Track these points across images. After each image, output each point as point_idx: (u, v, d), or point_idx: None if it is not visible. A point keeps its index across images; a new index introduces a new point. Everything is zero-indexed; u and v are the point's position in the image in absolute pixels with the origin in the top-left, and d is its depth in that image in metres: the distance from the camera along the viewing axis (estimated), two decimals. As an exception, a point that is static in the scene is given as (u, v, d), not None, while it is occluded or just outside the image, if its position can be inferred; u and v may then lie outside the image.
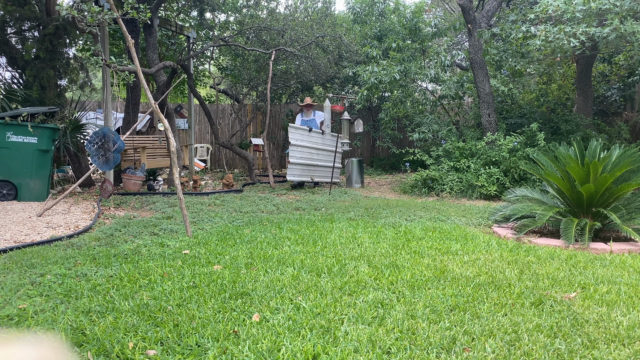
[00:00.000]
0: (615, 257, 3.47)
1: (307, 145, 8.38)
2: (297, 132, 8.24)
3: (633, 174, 4.11)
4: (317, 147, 8.59)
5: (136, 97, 8.68)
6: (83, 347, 1.98)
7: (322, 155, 8.71)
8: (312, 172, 8.50)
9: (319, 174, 8.71)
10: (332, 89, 12.82)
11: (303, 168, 8.29)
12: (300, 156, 8.23)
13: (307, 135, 8.41)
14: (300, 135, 8.26)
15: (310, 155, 8.47)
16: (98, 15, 4.82)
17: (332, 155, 8.71)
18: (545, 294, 2.61)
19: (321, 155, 8.68)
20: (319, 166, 8.67)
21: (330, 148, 8.82)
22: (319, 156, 8.64)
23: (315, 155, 8.58)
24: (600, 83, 11.37)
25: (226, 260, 3.34)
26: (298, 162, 8.16)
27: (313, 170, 8.55)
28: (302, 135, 8.30)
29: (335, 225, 4.67)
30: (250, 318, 2.25)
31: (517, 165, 7.10)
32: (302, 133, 8.29)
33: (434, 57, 10.77)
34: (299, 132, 8.30)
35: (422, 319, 2.24)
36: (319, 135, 8.66)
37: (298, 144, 8.18)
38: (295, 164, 8.15)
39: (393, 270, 3.05)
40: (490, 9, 8.84)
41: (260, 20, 10.53)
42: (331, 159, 8.69)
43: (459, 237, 4.13)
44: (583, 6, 6.13)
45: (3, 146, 5.96)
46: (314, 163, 8.55)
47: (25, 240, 4.10)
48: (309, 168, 8.46)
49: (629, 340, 2.04)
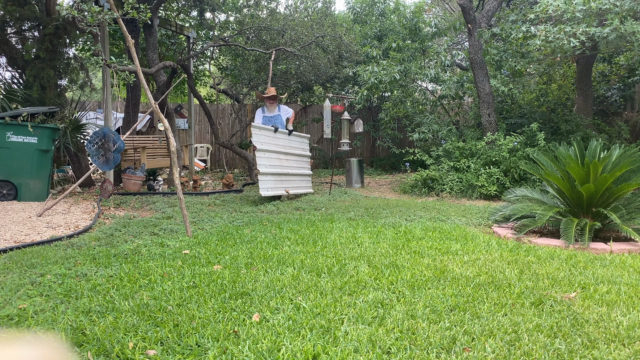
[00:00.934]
0: (615, 257, 3.47)
1: (274, 149, 6.72)
2: (261, 134, 6.52)
3: (633, 174, 4.11)
4: (285, 152, 6.98)
5: (136, 97, 8.68)
6: (83, 347, 1.98)
7: (293, 161, 7.19)
8: (286, 184, 6.93)
9: (294, 185, 7.18)
10: (332, 89, 12.82)
11: (276, 179, 6.71)
12: (270, 164, 6.59)
13: (273, 137, 6.75)
14: (265, 137, 6.60)
15: (280, 162, 6.86)
16: (98, 15, 4.82)
17: (302, 161, 7.42)
18: (545, 294, 2.61)
19: (291, 162, 7.15)
20: (291, 175, 7.12)
21: (299, 152, 7.38)
22: (289, 162, 7.06)
23: (285, 161, 6.98)
24: (600, 83, 11.37)
25: (226, 260, 3.34)
26: (269, 171, 6.54)
27: (286, 180, 6.99)
28: (268, 137, 6.64)
29: (335, 225, 4.67)
30: (250, 318, 2.25)
31: (517, 165, 7.10)
32: (267, 134, 6.64)
33: (434, 57, 10.78)
34: (264, 133, 6.60)
35: (422, 319, 2.24)
36: (285, 136, 7.06)
37: (265, 149, 6.55)
38: (267, 174, 6.51)
39: (393, 270, 3.05)
40: (490, 9, 8.84)
41: (260, 20, 10.53)
42: (302, 166, 7.41)
43: (459, 237, 4.13)
44: (583, 6, 6.13)
45: (3, 146, 5.96)
46: (286, 172, 6.97)
47: (25, 240, 4.10)
48: (282, 178, 6.87)
49: (629, 340, 2.04)
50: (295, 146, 7.28)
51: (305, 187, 7.44)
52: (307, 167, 7.56)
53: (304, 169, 7.42)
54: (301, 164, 7.40)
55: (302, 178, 7.40)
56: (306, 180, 7.47)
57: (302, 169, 7.40)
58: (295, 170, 7.16)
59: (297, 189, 7.18)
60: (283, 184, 6.80)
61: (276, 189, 6.65)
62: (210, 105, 13.78)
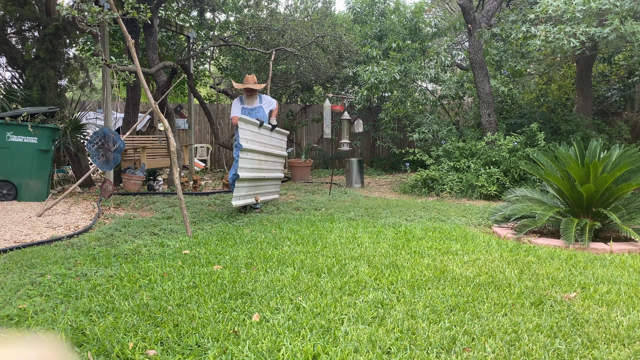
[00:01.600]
0: (615, 257, 3.47)
1: (257, 148, 5.43)
2: (247, 129, 5.23)
3: (633, 174, 4.11)
4: (266, 151, 5.70)
5: (136, 97, 8.68)
6: (83, 347, 1.98)
7: (271, 163, 5.93)
8: (258, 190, 5.65)
9: (265, 190, 5.91)
10: (332, 89, 12.82)
11: (251, 185, 5.43)
12: (250, 166, 5.31)
13: (257, 134, 5.48)
14: (250, 134, 5.29)
15: (260, 165, 5.56)
16: (98, 15, 4.82)
17: (278, 162, 6.24)
18: (545, 294, 2.61)
19: (269, 163, 5.89)
20: (267, 180, 5.88)
21: (278, 151, 6.13)
22: (267, 164, 5.80)
23: (264, 163, 5.73)
24: (600, 83, 11.37)
25: (226, 260, 3.34)
26: (248, 176, 5.22)
27: (260, 186, 5.73)
28: (253, 134, 5.35)
29: (335, 225, 4.67)
30: (250, 318, 2.25)
31: (517, 165, 7.10)
32: (252, 130, 5.34)
33: (434, 57, 10.78)
34: (250, 128, 5.29)
35: (422, 319, 2.24)
36: (268, 133, 5.79)
37: (249, 148, 5.21)
38: (245, 179, 5.19)
39: (393, 270, 3.05)
40: (490, 9, 8.84)
41: (260, 20, 10.53)
42: (278, 167, 6.23)
43: (459, 237, 4.13)
44: (583, 6, 6.13)
45: (3, 146, 5.96)
46: (263, 175, 5.68)
47: (25, 240, 4.10)
48: (257, 184, 5.60)
49: (629, 340, 2.04)
50: (275, 144, 6.01)
51: (274, 191, 6.25)
52: (281, 168, 6.42)
53: (278, 171, 6.21)
54: (277, 166, 6.18)
55: (274, 182, 6.20)
56: (276, 184, 6.28)
57: (277, 171, 6.17)
58: (271, 173, 5.90)
59: (266, 195, 5.97)
60: (255, 190, 5.54)
61: (248, 197, 5.40)
62: (210, 105, 13.78)
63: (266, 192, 5.96)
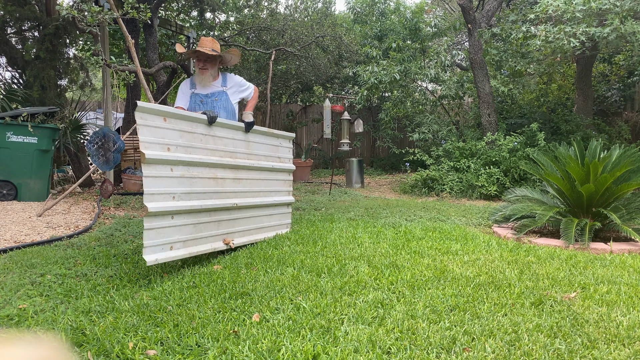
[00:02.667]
0: (615, 257, 3.47)
1: (205, 159, 3.37)
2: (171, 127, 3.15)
3: (633, 174, 4.11)
4: (233, 164, 3.64)
5: (136, 97, 8.68)
6: (83, 347, 1.98)
7: (251, 182, 3.85)
8: (229, 226, 3.62)
9: (249, 226, 3.87)
10: (332, 89, 12.82)
11: (200, 221, 3.33)
12: (186, 189, 3.19)
13: (206, 137, 3.41)
14: (174, 134, 3.15)
15: (217, 186, 3.48)
16: (98, 15, 4.82)
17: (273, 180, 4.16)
18: (545, 294, 2.61)
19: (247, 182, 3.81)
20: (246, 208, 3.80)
21: (269, 163, 4.08)
22: (240, 184, 3.73)
23: (231, 183, 3.64)
24: (600, 83, 11.37)
25: (226, 260, 3.34)
26: (181, 206, 3.13)
27: (231, 220, 3.65)
28: (183, 135, 3.21)
29: (335, 225, 4.67)
30: (250, 318, 2.25)
31: (517, 165, 7.10)
32: (184, 127, 3.23)
33: (434, 57, 10.78)
34: (174, 125, 3.16)
35: (422, 319, 2.24)
36: (236, 134, 3.72)
37: (170, 158, 3.08)
38: (172, 212, 3.08)
39: (393, 270, 3.05)
40: (490, 9, 8.84)
41: (260, 21, 10.54)
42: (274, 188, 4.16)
43: (459, 237, 4.13)
44: (583, 6, 6.13)
45: (3, 146, 5.96)
46: (231, 203, 3.60)
47: (26, 240, 4.10)
48: (220, 217, 3.52)
49: (629, 340, 2.04)
50: (259, 153, 3.93)
51: (276, 224, 4.23)
52: (284, 188, 4.29)
53: (276, 193, 4.16)
54: (271, 185, 4.11)
55: (271, 210, 4.13)
56: (279, 214, 4.26)
57: (273, 193, 4.13)
58: (254, 198, 3.86)
59: (255, 234, 3.91)
60: (221, 229, 3.50)
61: (200, 242, 3.30)
62: (210, 105, 13.77)
63: (254, 227, 3.87)
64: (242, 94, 4.05)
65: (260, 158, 3.96)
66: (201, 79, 3.82)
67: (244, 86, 4.06)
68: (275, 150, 4.21)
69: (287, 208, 4.40)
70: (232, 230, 3.63)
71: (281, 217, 4.31)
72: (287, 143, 4.41)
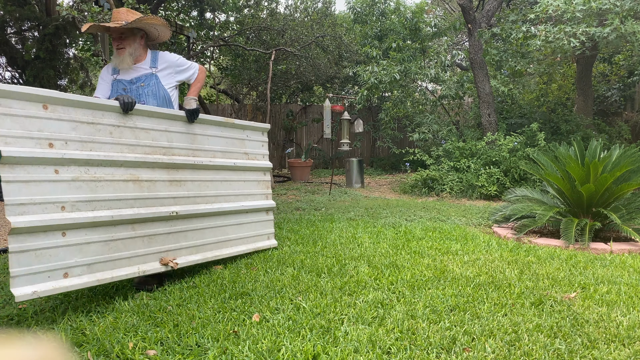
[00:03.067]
0: (615, 257, 3.47)
1: (108, 158, 2.58)
2: (46, 115, 2.36)
3: (633, 174, 4.11)
4: (167, 163, 2.89)
5: (136, 97, 8.67)
6: (83, 347, 1.98)
7: (198, 185, 3.12)
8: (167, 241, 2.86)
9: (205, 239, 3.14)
10: (332, 89, 12.82)
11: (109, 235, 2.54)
12: (77, 198, 2.41)
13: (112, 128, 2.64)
14: (61, 126, 2.41)
15: (139, 190, 2.72)
16: (98, 16, 4.82)
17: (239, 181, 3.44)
18: (545, 294, 2.61)
19: (193, 185, 3.09)
20: (192, 217, 3.04)
21: (230, 160, 3.37)
22: (184, 188, 3.00)
23: (167, 186, 2.90)
24: (600, 83, 11.37)
25: (226, 260, 3.34)
26: (65, 220, 2.33)
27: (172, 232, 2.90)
28: (78, 127, 2.48)
29: (335, 225, 4.67)
30: (250, 318, 2.25)
31: (517, 165, 7.10)
32: (79, 117, 2.48)
33: (434, 57, 10.78)
34: (62, 112, 2.41)
35: (422, 319, 2.24)
36: (177, 123, 3.01)
37: (49, 157, 2.32)
38: (51, 229, 2.28)
39: (393, 270, 3.05)
40: (490, 9, 8.84)
41: (260, 20, 10.54)
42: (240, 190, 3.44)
43: (459, 237, 4.13)
44: (583, 6, 6.13)
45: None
46: (161, 213, 2.80)
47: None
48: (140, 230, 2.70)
49: (629, 340, 2.04)
50: (212, 148, 3.24)
51: (250, 235, 3.49)
52: (258, 191, 3.58)
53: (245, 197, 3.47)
54: (237, 187, 3.41)
55: (240, 218, 3.42)
56: (253, 222, 3.53)
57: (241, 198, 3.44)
58: (208, 204, 3.16)
59: (218, 248, 3.22)
60: (155, 245, 2.79)
61: (119, 265, 2.59)
62: (210, 105, 13.78)
63: (209, 243, 3.14)
64: (180, 76, 3.20)
65: (215, 154, 3.23)
66: (120, 61, 2.99)
67: (183, 66, 3.20)
68: (240, 145, 3.43)
69: (267, 214, 3.64)
70: (176, 246, 2.88)
71: (257, 226, 3.54)
72: (259, 135, 3.60)
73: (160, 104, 3.05)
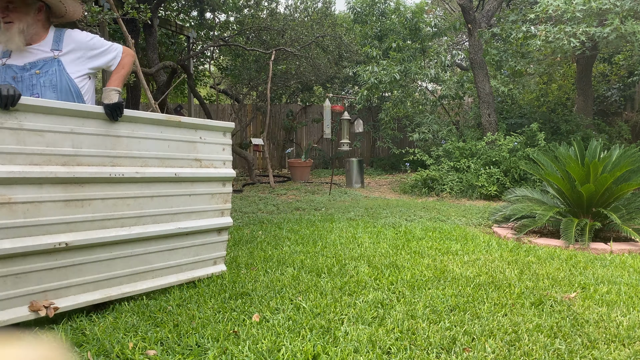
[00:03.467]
0: (615, 257, 3.47)
1: None
2: None
3: (633, 174, 4.11)
4: (65, 177, 2.17)
5: (136, 97, 8.68)
6: (83, 347, 1.98)
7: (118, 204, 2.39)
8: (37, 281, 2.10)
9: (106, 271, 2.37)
10: (332, 89, 12.83)
11: None
12: None
13: None
14: None
15: (10, 216, 2.00)
16: (98, 15, 4.82)
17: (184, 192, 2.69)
18: (545, 294, 2.61)
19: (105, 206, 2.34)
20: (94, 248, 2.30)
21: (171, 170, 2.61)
22: (88, 209, 2.27)
23: (61, 208, 2.17)
24: (600, 83, 11.38)
25: (226, 260, 3.34)
26: None
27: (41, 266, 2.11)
28: None
29: (335, 225, 4.67)
30: (250, 318, 2.25)
31: (517, 165, 7.11)
32: None
33: (434, 57, 10.79)
34: None
35: (422, 319, 2.24)
36: (89, 122, 2.27)
37: None
38: None
39: (393, 270, 3.05)
40: (490, 9, 8.84)
41: (260, 20, 10.53)
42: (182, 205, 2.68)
43: (459, 237, 4.13)
44: (583, 6, 6.13)
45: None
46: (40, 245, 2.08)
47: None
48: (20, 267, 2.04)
49: (629, 341, 2.04)
50: (144, 154, 2.52)
51: (188, 261, 2.79)
52: (210, 207, 2.87)
53: (188, 216, 2.74)
54: (178, 204, 2.69)
55: (174, 242, 2.69)
56: (195, 246, 2.81)
57: (183, 216, 2.72)
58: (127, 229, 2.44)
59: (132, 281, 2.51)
60: (27, 285, 2.09)
61: None
62: (210, 105, 13.78)
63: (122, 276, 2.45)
64: (96, 61, 2.47)
65: (148, 162, 2.49)
66: (7, 40, 2.26)
67: (99, 48, 2.47)
68: (189, 149, 2.70)
69: (219, 235, 2.90)
70: (61, 284, 2.20)
71: (201, 250, 2.80)
72: (218, 137, 2.86)
73: (64, 97, 2.34)
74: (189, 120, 2.70)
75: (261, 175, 11.04)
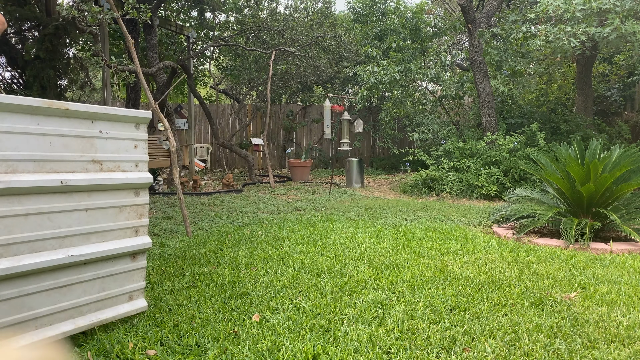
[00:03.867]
0: (615, 257, 3.47)
1: None
2: None
3: (633, 174, 4.11)
4: None
5: (136, 97, 8.68)
6: (83, 347, 1.98)
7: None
8: None
9: None
10: (332, 89, 12.83)
11: None
12: None
13: None
14: None
15: None
16: (98, 15, 4.82)
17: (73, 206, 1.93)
18: (545, 294, 2.61)
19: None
20: None
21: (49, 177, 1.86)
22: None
23: None
24: (600, 83, 11.38)
25: (226, 260, 3.34)
26: None
27: None
28: None
29: (335, 225, 4.67)
30: (250, 318, 2.25)
31: (517, 165, 7.11)
32: None
33: (434, 57, 10.79)
34: None
35: (422, 319, 2.24)
36: None
37: None
38: None
39: (393, 270, 3.05)
40: (490, 9, 8.84)
41: (260, 21, 10.54)
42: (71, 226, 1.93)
43: (459, 237, 4.13)
44: (583, 6, 6.13)
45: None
46: None
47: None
48: None
49: (629, 340, 2.04)
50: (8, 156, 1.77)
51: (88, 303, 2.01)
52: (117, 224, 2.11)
53: (80, 239, 1.97)
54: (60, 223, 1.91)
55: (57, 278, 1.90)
56: (95, 279, 2.04)
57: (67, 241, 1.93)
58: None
59: None
60: None
61: None
62: (210, 105, 13.79)
63: None
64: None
65: (17, 167, 1.81)
66: None
67: None
68: (84, 147, 2.02)
69: (133, 260, 2.20)
70: None
71: (108, 284, 2.10)
72: (127, 130, 2.18)
73: None
74: (81, 108, 1.99)
75: (261, 175, 11.04)
